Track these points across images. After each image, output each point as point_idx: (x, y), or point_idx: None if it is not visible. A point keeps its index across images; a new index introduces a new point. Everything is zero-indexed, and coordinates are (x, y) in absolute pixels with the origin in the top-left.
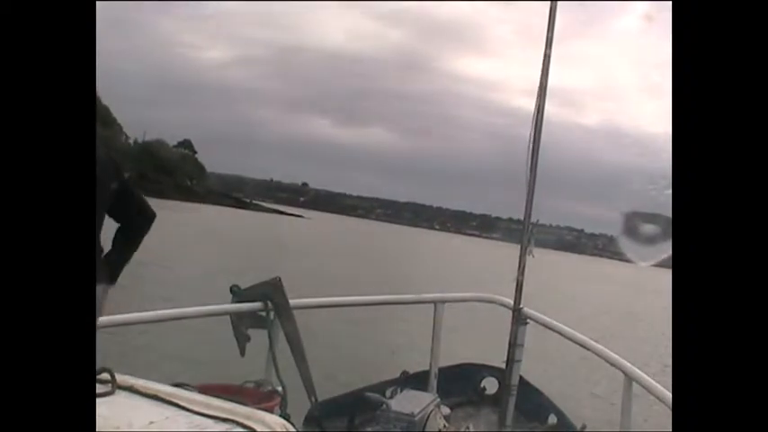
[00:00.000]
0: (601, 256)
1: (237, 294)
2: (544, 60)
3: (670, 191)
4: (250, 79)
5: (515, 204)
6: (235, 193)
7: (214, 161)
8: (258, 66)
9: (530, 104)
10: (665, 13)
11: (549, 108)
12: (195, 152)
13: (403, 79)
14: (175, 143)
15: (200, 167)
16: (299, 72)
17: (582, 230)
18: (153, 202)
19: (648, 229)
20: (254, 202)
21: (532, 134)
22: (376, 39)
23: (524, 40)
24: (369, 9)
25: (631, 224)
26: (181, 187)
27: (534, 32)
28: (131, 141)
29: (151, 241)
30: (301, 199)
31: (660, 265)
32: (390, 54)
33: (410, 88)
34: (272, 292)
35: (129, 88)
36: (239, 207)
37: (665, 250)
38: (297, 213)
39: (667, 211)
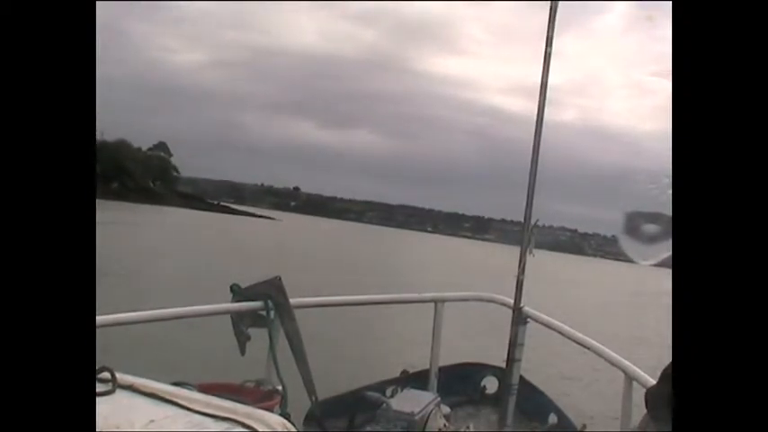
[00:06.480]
0: (595, 255)
1: (237, 293)
2: (545, 59)
3: (669, 191)
4: (229, 82)
5: (507, 205)
6: (226, 198)
7: (199, 166)
8: (236, 68)
9: (508, 104)
10: (653, 11)
11: (532, 107)
12: (171, 155)
13: (380, 80)
14: (150, 146)
15: (166, 169)
16: (277, 74)
17: (575, 230)
18: (107, 204)
19: (649, 228)
20: (221, 203)
21: (535, 130)
22: (350, 40)
23: (497, 39)
24: (340, 10)
25: (632, 223)
26: (141, 189)
27: (507, 31)
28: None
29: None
30: (292, 203)
31: (660, 264)
32: (365, 55)
33: (389, 89)
34: (272, 291)
35: (107, 93)
36: (206, 209)
37: (666, 249)
38: (267, 216)
39: (665, 210)
